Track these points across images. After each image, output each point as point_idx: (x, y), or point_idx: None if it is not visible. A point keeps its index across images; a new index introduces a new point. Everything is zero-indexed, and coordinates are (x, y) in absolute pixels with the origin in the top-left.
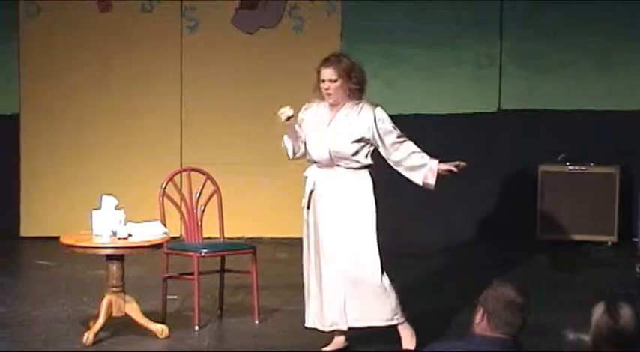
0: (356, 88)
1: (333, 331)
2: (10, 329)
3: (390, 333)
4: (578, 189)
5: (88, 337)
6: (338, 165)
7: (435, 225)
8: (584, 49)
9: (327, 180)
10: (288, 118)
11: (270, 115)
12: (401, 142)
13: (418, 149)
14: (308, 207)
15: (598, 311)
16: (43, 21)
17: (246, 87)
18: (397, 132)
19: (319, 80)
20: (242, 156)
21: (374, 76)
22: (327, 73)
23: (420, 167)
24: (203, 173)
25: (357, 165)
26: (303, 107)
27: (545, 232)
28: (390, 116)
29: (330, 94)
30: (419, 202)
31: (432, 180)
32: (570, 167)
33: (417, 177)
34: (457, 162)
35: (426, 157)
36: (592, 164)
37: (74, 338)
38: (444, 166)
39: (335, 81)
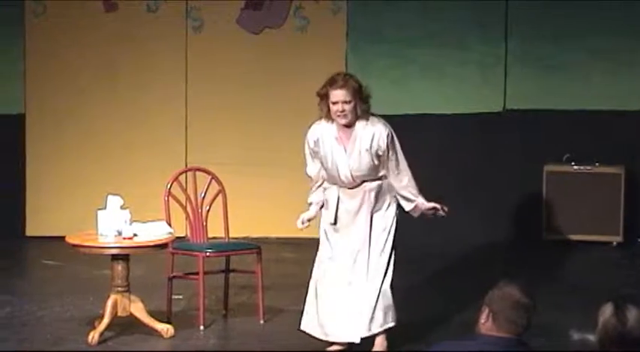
0: (366, 108)
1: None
2: (15, 328)
3: (394, 334)
4: (584, 190)
5: (94, 337)
6: (362, 182)
7: (440, 226)
8: (589, 49)
9: (349, 197)
10: (309, 220)
11: (276, 115)
12: (400, 172)
13: (413, 184)
14: (335, 223)
15: (605, 312)
16: (49, 21)
17: (252, 87)
18: (400, 157)
19: (328, 102)
20: (247, 155)
21: (379, 76)
22: (340, 95)
23: (408, 200)
24: (208, 173)
25: (377, 176)
26: (313, 127)
27: (550, 232)
28: (396, 116)
29: (345, 116)
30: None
31: (414, 214)
32: (575, 167)
33: (403, 205)
34: (439, 206)
35: (415, 194)
36: (597, 164)
37: (79, 338)
38: (428, 205)
39: (349, 102)
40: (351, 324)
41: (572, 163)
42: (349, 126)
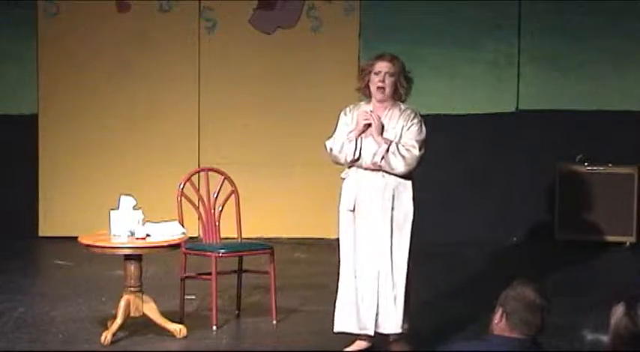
0: (405, 88)
1: (369, 336)
2: (28, 329)
3: (407, 335)
4: (597, 190)
5: (106, 337)
6: (379, 169)
7: (453, 226)
8: (602, 49)
9: (369, 181)
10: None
11: (289, 115)
12: (407, 145)
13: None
14: (352, 210)
15: (617, 313)
16: (62, 21)
17: (264, 87)
18: (416, 138)
19: (370, 73)
20: (260, 156)
21: None
22: (385, 66)
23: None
24: (221, 173)
25: None
26: (345, 111)
27: (563, 233)
28: None
29: (383, 88)
30: (436, 202)
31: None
32: (589, 167)
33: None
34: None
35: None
36: (610, 164)
37: (92, 339)
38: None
39: (392, 75)
40: (373, 316)
41: (585, 163)
42: (382, 103)
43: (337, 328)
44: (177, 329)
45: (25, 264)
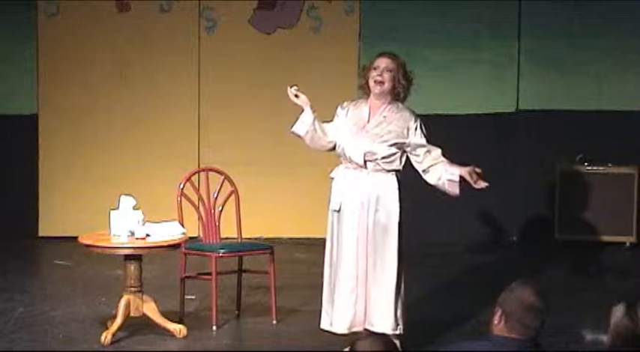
0: (403, 86)
1: (355, 333)
2: (28, 329)
3: (407, 335)
4: (597, 190)
5: (106, 337)
6: (367, 167)
7: (452, 226)
8: (602, 49)
9: (356, 181)
10: (296, 95)
11: (289, 116)
12: (431, 149)
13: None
14: (339, 210)
15: (617, 313)
16: (62, 21)
17: (265, 87)
18: (428, 146)
19: (370, 70)
20: (260, 156)
21: None
22: (384, 62)
23: (448, 169)
24: (221, 173)
25: (387, 167)
26: (342, 105)
27: (563, 233)
28: None
29: (382, 83)
30: (436, 202)
31: (453, 190)
32: (589, 167)
33: (445, 175)
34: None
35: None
36: (610, 164)
37: (92, 338)
38: (467, 168)
39: (390, 71)
40: (359, 313)
41: (585, 163)
42: (379, 100)
43: (321, 325)
44: (177, 329)
45: (25, 263)
